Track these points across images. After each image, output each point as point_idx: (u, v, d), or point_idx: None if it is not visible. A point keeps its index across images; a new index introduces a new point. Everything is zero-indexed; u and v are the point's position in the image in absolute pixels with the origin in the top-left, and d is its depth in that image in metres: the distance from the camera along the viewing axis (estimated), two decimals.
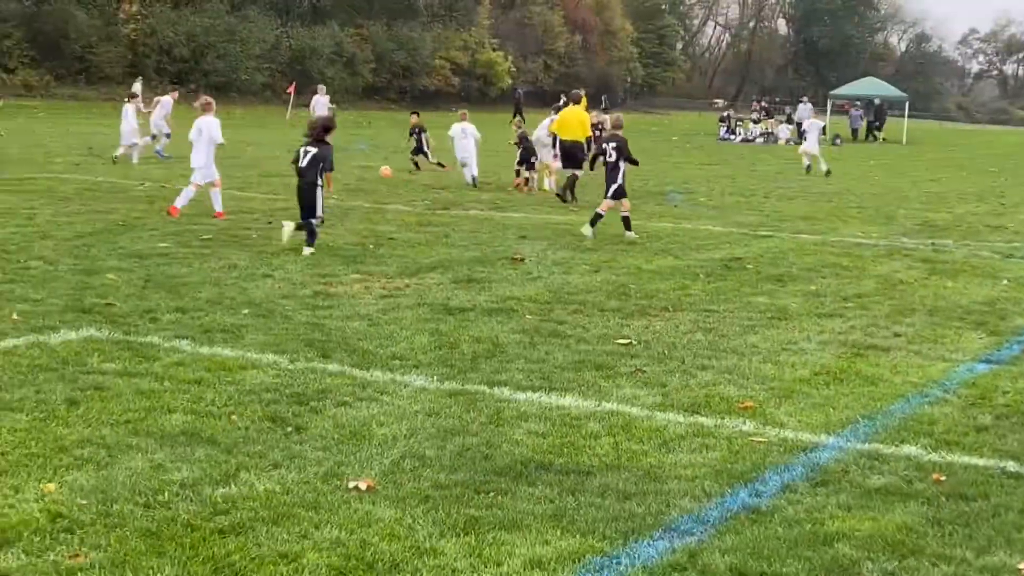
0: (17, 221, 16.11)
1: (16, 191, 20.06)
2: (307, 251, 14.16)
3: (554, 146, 23.66)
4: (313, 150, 14.54)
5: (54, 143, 31.20)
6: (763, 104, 69.17)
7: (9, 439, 6.66)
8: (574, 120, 23.12)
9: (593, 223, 16.74)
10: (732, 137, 55.52)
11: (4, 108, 30.53)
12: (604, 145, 17.23)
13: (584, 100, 25.83)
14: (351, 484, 6.17)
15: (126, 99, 30.19)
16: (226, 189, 21.99)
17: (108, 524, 5.50)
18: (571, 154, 22.75)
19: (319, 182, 14.54)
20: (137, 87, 56.81)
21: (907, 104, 64.52)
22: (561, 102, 60.18)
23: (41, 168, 25.04)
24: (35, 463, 6.28)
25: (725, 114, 62.24)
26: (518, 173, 25.24)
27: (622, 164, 16.85)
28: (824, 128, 40.78)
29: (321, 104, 36.37)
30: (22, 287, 11.29)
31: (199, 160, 17.78)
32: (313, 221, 14.54)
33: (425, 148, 28.41)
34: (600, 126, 27.03)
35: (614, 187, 16.81)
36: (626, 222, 16.93)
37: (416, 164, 28.12)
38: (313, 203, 14.53)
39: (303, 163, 14.56)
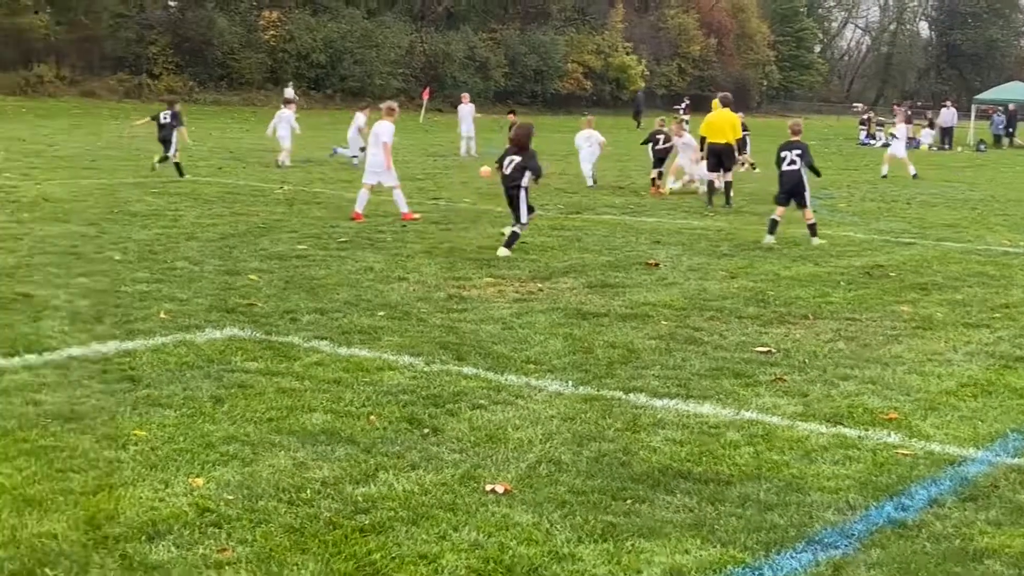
0: (163, 223, 16.57)
1: (162, 193, 20.64)
2: (503, 252, 14.62)
3: (701, 148, 23.49)
4: (517, 158, 14.92)
5: (197, 147, 31.97)
6: (905, 108, 67.63)
7: (159, 434, 6.84)
8: (724, 123, 23.00)
9: (772, 230, 16.64)
10: (872, 142, 54.42)
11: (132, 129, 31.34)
12: (784, 152, 16.91)
13: (717, 103, 25.57)
14: (488, 487, 6.19)
15: (281, 105, 30.72)
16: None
17: (253, 520, 5.61)
18: (719, 157, 22.64)
19: (524, 186, 14.88)
20: (289, 92, 58.11)
21: None
22: (683, 105, 59.69)
23: (186, 171, 25.69)
24: (183, 458, 6.44)
25: (865, 118, 61.06)
26: (653, 181, 25.22)
27: (804, 171, 16.67)
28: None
29: (466, 113, 35.91)
30: (169, 287, 11.59)
31: (378, 164, 18.00)
32: (516, 228, 14.95)
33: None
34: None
35: (806, 195, 16.69)
36: (812, 229, 16.82)
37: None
38: (518, 208, 14.87)
39: (507, 170, 14.94)
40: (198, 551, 5.23)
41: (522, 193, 14.83)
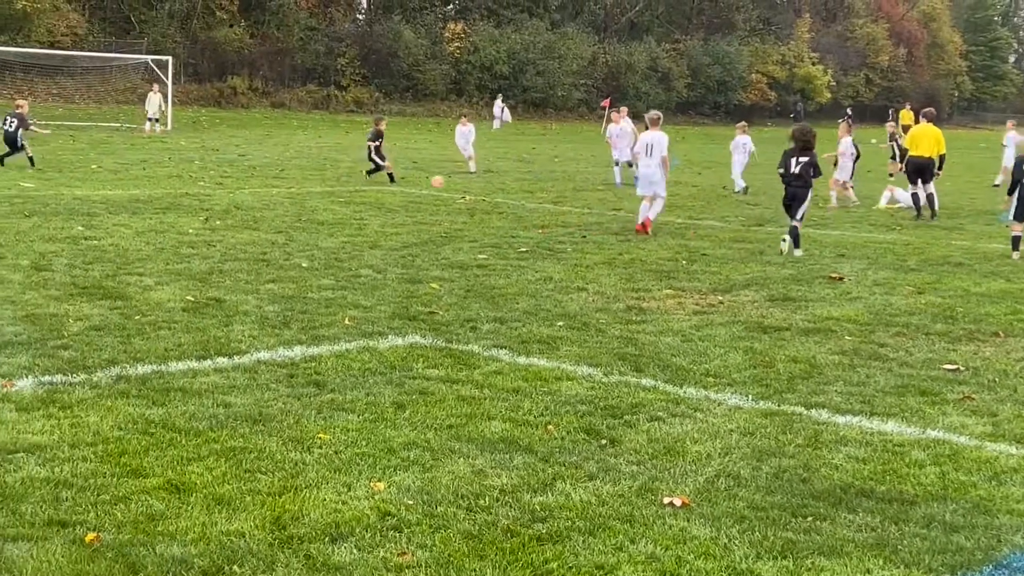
0: (349, 231, 16.97)
1: (347, 202, 21.15)
2: (797, 252, 15.88)
3: (901, 160, 23.04)
4: (804, 159, 16.06)
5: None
6: None
7: (342, 438, 7.00)
8: (929, 137, 22.58)
9: (1016, 246, 16.37)
10: None
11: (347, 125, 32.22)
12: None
13: (910, 115, 25.03)
14: (666, 500, 6.14)
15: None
16: (541, 203, 22.51)
17: (433, 525, 5.69)
18: (922, 171, 22.28)
19: (811, 185, 16.21)
20: (498, 107, 58.83)
21: None
22: (847, 115, 58.12)
23: (370, 181, 26.30)
24: (365, 462, 6.58)
25: None
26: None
27: None
28: None
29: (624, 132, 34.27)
30: (353, 294, 11.86)
31: (654, 174, 18.13)
32: (796, 224, 16.12)
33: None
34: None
35: None
36: (1015, 242, 16.42)
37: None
38: (801, 205, 16.15)
39: (795, 170, 16.07)
40: (379, 554, 5.33)
41: (809, 192, 16.20)
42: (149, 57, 52.66)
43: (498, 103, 62.73)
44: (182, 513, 5.69)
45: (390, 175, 25.97)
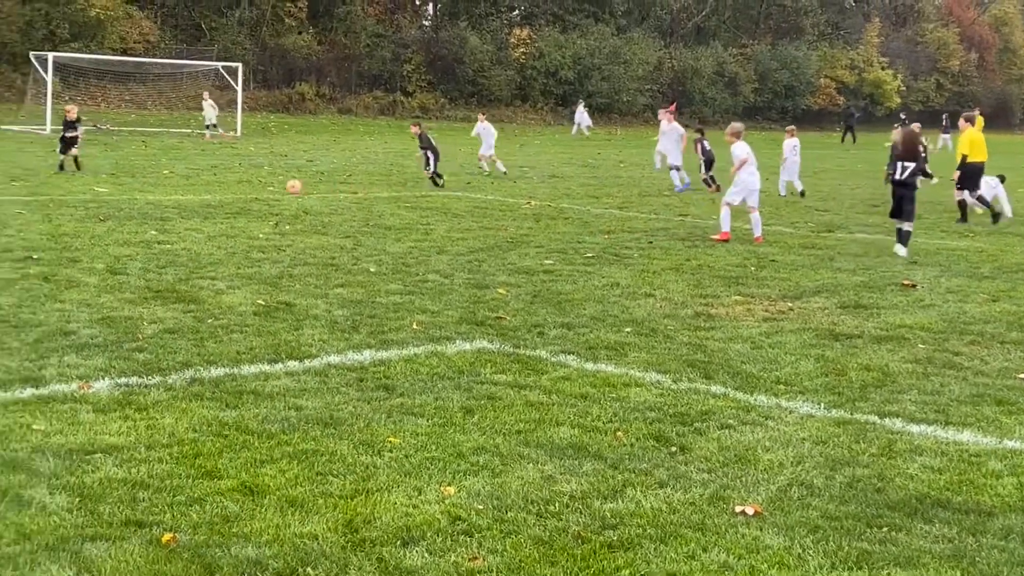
0: (415, 236, 17.04)
1: (414, 208, 21.26)
2: (902, 251, 16.44)
3: (961, 167, 22.65)
4: (911, 164, 16.98)
5: (448, 163, 32.80)
6: None
7: (412, 442, 7.03)
8: (982, 142, 22.38)
9: None
10: None
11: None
12: None
13: (981, 120, 24.71)
14: (737, 508, 6.10)
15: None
16: (607, 208, 22.48)
17: (503, 530, 5.69)
18: (976, 176, 22.02)
19: (917, 187, 17.23)
20: (579, 113, 58.73)
21: None
22: (902, 120, 57.38)
23: (438, 187, 26.39)
24: (435, 466, 6.60)
25: None
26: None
27: None
28: None
29: (668, 129, 33.57)
30: (421, 299, 11.91)
31: (756, 183, 18.15)
32: (907, 226, 16.74)
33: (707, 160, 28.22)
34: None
35: None
36: None
37: (707, 181, 27.99)
38: (911, 207, 16.85)
39: (904, 176, 16.95)
40: (450, 558, 5.34)
41: (915, 193, 17.02)
42: (219, 64, 53.28)
43: (580, 109, 62.53)
44: (256, 515, 5.75)
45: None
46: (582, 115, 61.94)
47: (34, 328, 9.73)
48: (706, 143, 28.18)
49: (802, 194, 26.63)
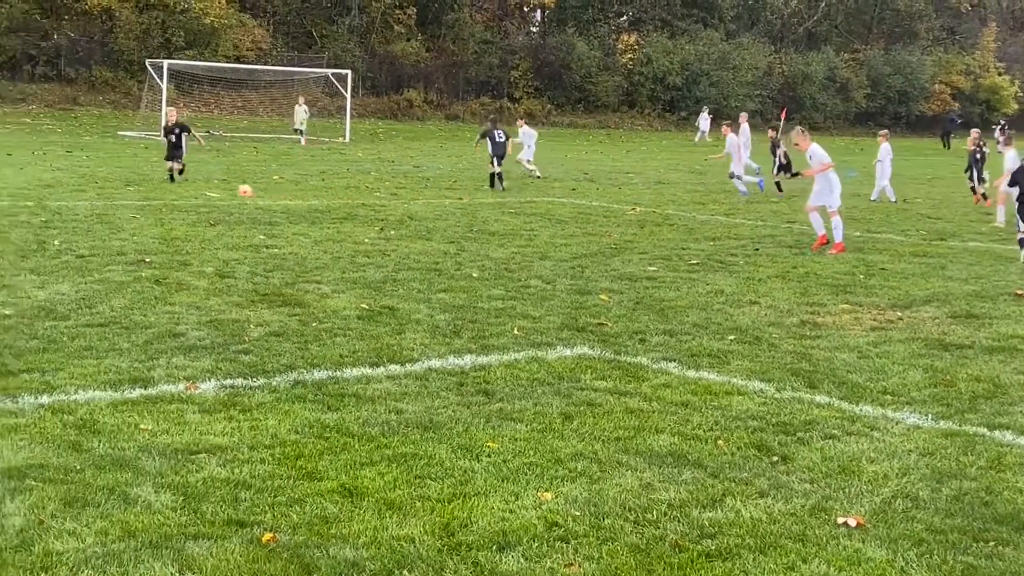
0: (519, 242, 17.08)
1: (518, 213, 21.30)
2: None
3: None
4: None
5: (553, 168, 32.85)
6: None
7: (510, 448, 7.04)
8: None
9: None
10: None
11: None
12: None
13: None
14: (840, 520, 5.99)
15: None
16: (712, 215, 22.29)
17: (600, 537, 5.67)
18: None
19: None
20: (704, 120, 58.39)
21: None
22: (1003, 125, 55.76)
23: (540, 192, 26.45)
24: (533, 472, 6.59)
25: None
26: (973, 190, 24.49)
27: None
28: None
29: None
30: (522, 304, 11.92)
31: (836, 187, 17.95)
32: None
33: (783, 163, 27.33)
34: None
35: None
36: None
37: (779, 185, 27.33)
38: None
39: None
40: (546, 564, 5.33)
41: None
42: (329, 71, 54.06)
43: (704, 115, 62.09)
44: (354, 517, 5.80)
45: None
46: (706, 122, 61.38)
47: (145, 330, 9.95)
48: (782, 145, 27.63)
49: (895, 201, 26.03)
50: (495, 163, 26.90)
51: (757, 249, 17.12)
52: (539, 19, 76.57)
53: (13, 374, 8.32)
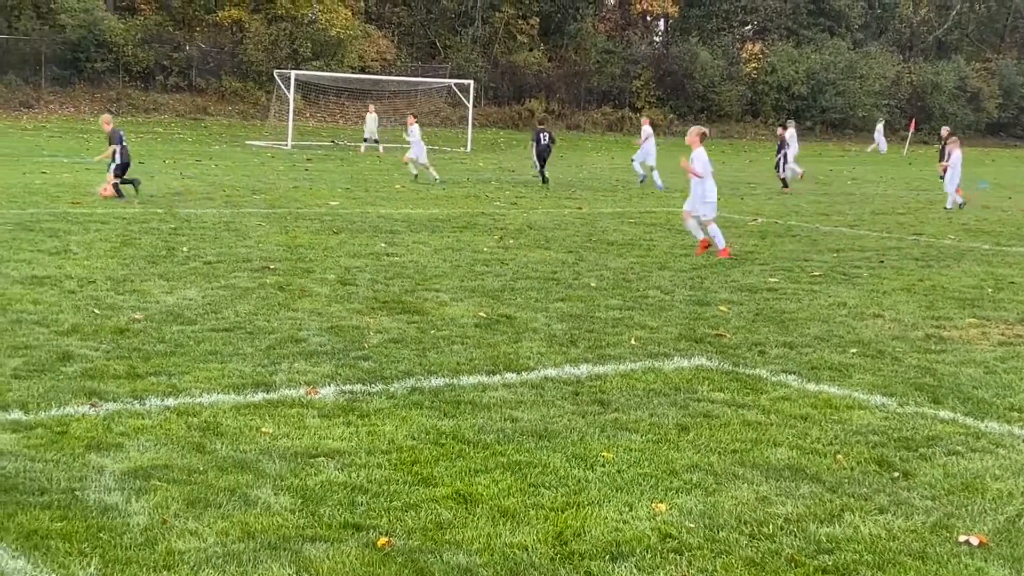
0: (637, 252, 17.02)
1: (637, 223, 21.23)
2: None
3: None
4: None
5: (674, 178, 32.62)
6: None
7: (624, 458, 7.02)
8: None
9: None
10: None
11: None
12: None
13: None
14: (962, 538, 5.86)
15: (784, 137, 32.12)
16: (836, 226, 21.95)
17: (714, 550, 5.62)
18: None
19: None
20: (880, 133, 57.77)
21: None
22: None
23: (660, 202, 26.32)
24: (647, 483, 6.57)
25: None
26: None
27: None
28: None
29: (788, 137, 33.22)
30: (640, 314, 11.88)
31: (709, 196, 17.81)
32: None
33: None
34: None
35: None
36: None
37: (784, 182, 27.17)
38: None
39: None
40: (659, 575, 5.30)
41: None
42: (452, 81, 54.51)
43: (879, 128, 61.27)
44: (468, 523, 5.84)
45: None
46: (881, 135, 60.44)
47: (268, 335, 10.15)
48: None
49: (960, 206, 26.35)
50: (537, 165, 29.33)
51: (882, 261, 16.81)
52: (662, 28, 76.26)
53: (141, 377, 8.55)
